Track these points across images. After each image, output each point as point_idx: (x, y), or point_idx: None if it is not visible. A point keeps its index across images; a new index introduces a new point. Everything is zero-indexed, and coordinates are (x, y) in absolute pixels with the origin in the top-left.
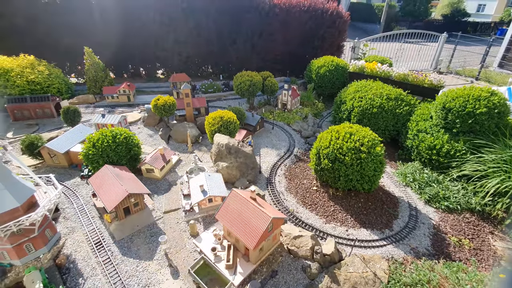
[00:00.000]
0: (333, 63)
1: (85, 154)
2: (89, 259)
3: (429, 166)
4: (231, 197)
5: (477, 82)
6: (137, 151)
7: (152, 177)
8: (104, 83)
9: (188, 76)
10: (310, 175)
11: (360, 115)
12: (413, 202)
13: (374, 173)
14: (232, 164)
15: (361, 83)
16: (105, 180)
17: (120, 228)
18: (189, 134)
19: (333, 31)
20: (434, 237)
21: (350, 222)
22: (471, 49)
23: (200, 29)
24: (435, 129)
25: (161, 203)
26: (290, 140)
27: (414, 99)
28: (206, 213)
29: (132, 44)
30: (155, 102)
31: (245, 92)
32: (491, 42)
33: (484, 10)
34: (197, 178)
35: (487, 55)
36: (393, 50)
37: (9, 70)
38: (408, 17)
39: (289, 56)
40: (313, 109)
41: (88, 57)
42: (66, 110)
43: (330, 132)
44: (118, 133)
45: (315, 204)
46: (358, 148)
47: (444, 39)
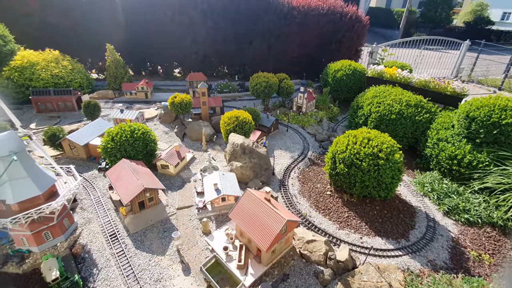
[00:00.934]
0: (351, 67)
1: (104, 147)
2: (103, 250)
3: (448, 177)
4: (246, 197)
5: (500, 92)
6: (153, 147)
7: (166, 173)
8: (123, 80)
9: (204, 76)
10: (324, 179)
11: (378, 120)
12: (431, 213)
13: (391, 180)
14: (246, 164)
15: (380, 88)
16: (122, 174)
17: (134, 222)
18: (204, 133)
19: (351, 35)
20: (452, 250)
21: (365, 229)
22: (494, 58)
23: (218, 30)
24: (456, 138)
25: (175, 199)
26: (304, 143)
27: (435, 106)
28: (219, 211)
29: (152, 42)
30: (172, 99)
31: (261, 93)
32: None
33: (509, 19)
34: (211, 177)
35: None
36: (412, 56)
37: (35, 63)
38: (429, 23)
39: (305, 59)
40: (328, 113)
41: (109, 54)
42: (87, 104)
43: (347, 136)
44: (136, 129)
45: (328, 209)
46: (376, 154)
47: (467, 47)
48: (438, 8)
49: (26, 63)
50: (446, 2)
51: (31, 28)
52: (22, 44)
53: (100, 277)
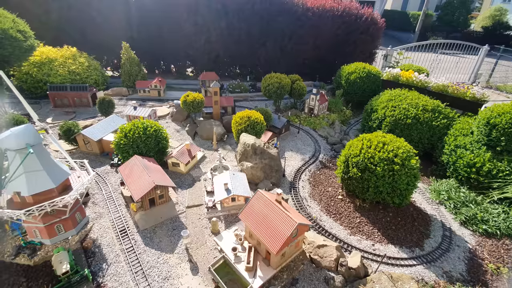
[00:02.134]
0: (365, 70)
1: (117, 143)
2: (113, 245)
3: (466, 185)
4: (256, 198)
5: None
6: (165, 145)
7: (177, 171)
8: (137, 78)
9: (217, 75)
10: (335, 183)
11: (392, 125)
12: (447, 222)
13: (406, 187)
14: (257, 165)
15: (395, 92)
16: (133, 170)
17: (144, 218)
18: (215, 132)
19: (366, 37)
20: (469, 262)
21: (377, 236)
22: None
23: (231, 30)
24: (475, 145)
25: (185, 197)
26: (316, 146)
27: (453, 112)
28: (228, 211)
29: (166, 42)
30: (185, 98)
31: (273, 94)
32: None
33: None
34: (221, 176)
35: None
36: (428, 60)
37: (53, 59)
38: (445, 27)
39: (318, 60)
40: (341, 116)
41: (125, 52)
42: (101, 101)
43: (361, 140)
44: (149, 126)
45: (339, 214)
46: (392, 159)
47: (485, 52)
48: (455, 12)
49: (45, 59)
50: (464, 6)
51: (50, 25)
52: (41, 40)
53: (109, 272)
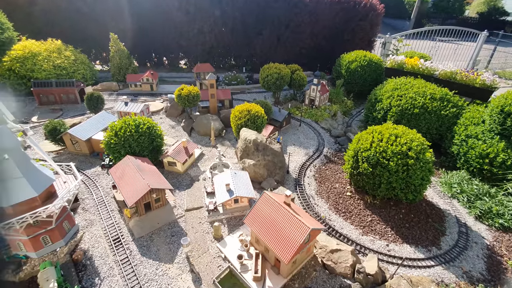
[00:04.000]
0: (366, 58)
1: (107, 142)
2: (106, 256)
3: (478, 177)
4: (263, 201)
5: None
6: (159, 143)
7: (174, 170)
8: (128, 71)
9: (212, 67)
10: (342, 178)
11: (399, 115)
12: (462, 217)
13: (421, 182)
14: (260, 162)
15: (400, 80)
16: (126, 172)
17: (140, 225)
18: (213, 127)
19: (365, 24)
20: (489, 259)
21: (391, 235)
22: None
23: (226, 19)
24: (488, 135)
25: (183, 199)
26: (319, 139)
27: (462, 100)
28: (231, 214)
29: (157, 32)
30: (179, 91)
31: (272, 85)
32: None
33: None
34: (222, 176)
35: None
36: (427, 48)
37: (36, 54)
38: (441, 13)
39: (316, 50)
40: (342, 107)
41: (113, 44)
42: (89, 97)
43: (370, 132)
44: (142, 123)
45: (349, 212)
46: (405, 153)
47: (484, 38)
48: None
49: (28, 53)
50: None
51: (34, 16)
52: (25, 33)
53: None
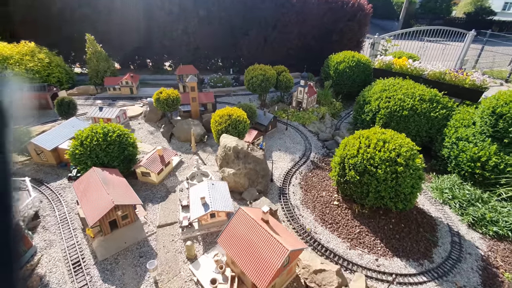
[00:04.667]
0: (354, 59)
1: (72, 153)
2: (64, 283)
3: (470, 181)
4: (238, 218)
5: (508, 84)
6: (132, 151)
7: (148, 181)
8: (106, 74)
9: (195, 69)
10: (329, 186)
11: (387, 117)
12: (454, 225)
13: (411, 190)
14: (240, 170)
15: (389, 81)
16: (90, 186)
17: (104, 245)
18: (193, 133)
19: (353, 24)
20: (484, 272)
21: (380, 248)
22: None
23: (211, 19)
24: (479, 137)
25: (156, 214)
26: (306, 143)
27: (451, 101)
28: (207, 230)
29: (139, 33)
30: (158, 95)
31: (257, 87)
32: None
33: (510, 9)
34: (198, 188)
35: None
36: (415, 48)
37: (7, 57)
38: (429, 14)
39: (304, 50)
40: (331, 109)
41: (90, 45)
42: (60, 102)
43: (357, 137)
44: (111, 130)
45: (336, 223)
46: (394, 160)
47: (472, 37)
48: None
49: None
50: None
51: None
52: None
53: None
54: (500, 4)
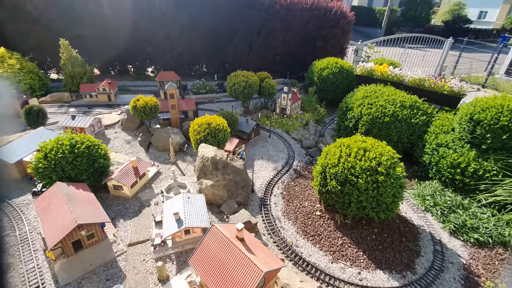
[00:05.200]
0: (337, 65)
1: (35, 166)
2: None
3: (451, 187)
4: (211, 236)
5: (484, 89)
6: (103, 163)
7: (120, 195)
8: (82, 80)
9: (177, 75)
10: (312, 195)
11: (370, 124)
12: (436, 233)
13: (393, 199)
14: (219, 182)
15: (371, 87)
16: (52, 204)
17: (66, 268)
18: (172, 142)
19: (336, 31)
20: (466, 282)
21: (363, 260)
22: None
23: (195, 25)
24: (458, 143)
25: (127, 231)
26: (289, 151)
27: (431, 107)
28: (182, 248)
29: (120, 38)
30: (135, 103)
31: (240, 94)
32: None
33: (485, 17)
34: (172, 202)
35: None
36: (396, 55)
37: None
38: (409, 22)
39: (289, 57)
40: (315, 115)
41: (64, 50)
42: (28, 110)
43: (338, 146)
44: (79, 141)
45: (318, 235)
46: (375, 169)
47: (450, 45)
48: (418, 7)
49: None
50: (426, 2)
51: None
52: None
53: None
54: (476, 13)
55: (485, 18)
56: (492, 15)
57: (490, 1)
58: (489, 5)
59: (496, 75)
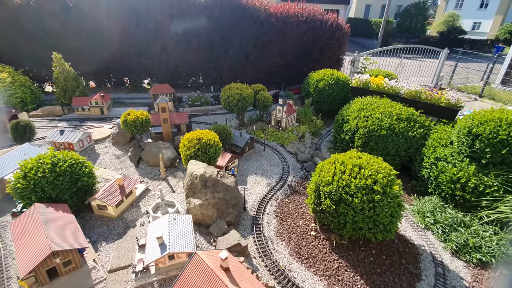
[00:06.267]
0: (333, 77)
1: (13, 187)
2: None
3: (451, 203)
4: (193, 267)
5: (481, 99)
6: (87, 182)
7: (105, 215)
8: (75, 93)
9: (171, 88)
10: (306, 213)
11: (366, 137)
12: (437, 253)
13: (390, 219)
14: (208, 201)
15: (366, 100)
16: (28, 227)
17: None
18: (162, 157)
19: (332, 43)
20: None
21: (360, 286)
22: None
23: (190, 37)
24: (457, 157)
25: (109, 255)
26: (284, 165)
27: (428, 120)
28: (166, 274)
29: (115, 51)
30: (125, 117)
31: (234, 106)
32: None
33: (479, 28)
34: (157, 223)
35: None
36: (393, 65)
37: None
38: (405, 33)
39: (285, 68)
40: (311, 127)
41: (57, 64)
42: (15, 126)
43: (333, 163)
44: (62, 159)
45: (313, 258)
46: (371, 187)
47: (446, 55)
48: (413, 18)
49: None
50: (421, 13)
51: None
52: None
53: None
54: (470, 24)
55: (479, 29)
56: (485, 26)
57: (483, 13)
58: (482, 17)
59: (492, 84)
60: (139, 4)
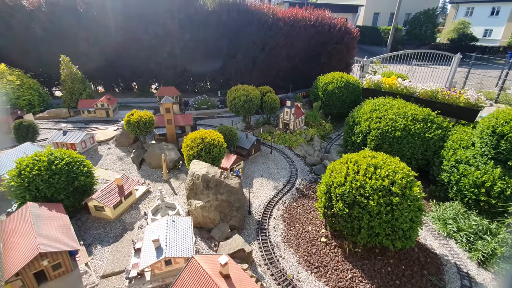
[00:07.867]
0: (343, 80)
1: (8, 185)
2: None
3: (474, 209)
4: (189, 272)
5: (497, 104)
6: (85, 181)
7: (102, 217)
8: (81, 96)
9: (177, 90)
10: (316, 218)
11: (379, 139)
12: (462, 264)
13: (411, 224)
14: (210, 203)
15: (379, 100)
16: (18, 227)
17: None
18: (164, 158)
19: (341, 47)
20: None
21: None
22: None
23: (198, 42)
24: (480, 159)
25: (104, 259)
26: (292, 168)
27: (446, 121)
28: (162, 281)
29: (124, 56)
30: (128, 117)
31: (240, 109)
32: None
33: (491, 35)
34: (154, 226)
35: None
36: (403, 71)
37: None
38: (414, 40)
39: (293, 72)
40: (320, 130)
41: (64, 67)
42: (18, 126)
43: (345, 162)
44: (59, 157)
45: (324, 266)
46: (388, 189)
47: (458, 60)
48: (422, 26)
49: None
50: (431, 21)
51: None
52: None
53: None
54: (481, 31)
55: (490, 36)
56: (497, 33)
57: (495, 20)
58: (494, 24)
59: (507, 90)
60: (147, 9)
